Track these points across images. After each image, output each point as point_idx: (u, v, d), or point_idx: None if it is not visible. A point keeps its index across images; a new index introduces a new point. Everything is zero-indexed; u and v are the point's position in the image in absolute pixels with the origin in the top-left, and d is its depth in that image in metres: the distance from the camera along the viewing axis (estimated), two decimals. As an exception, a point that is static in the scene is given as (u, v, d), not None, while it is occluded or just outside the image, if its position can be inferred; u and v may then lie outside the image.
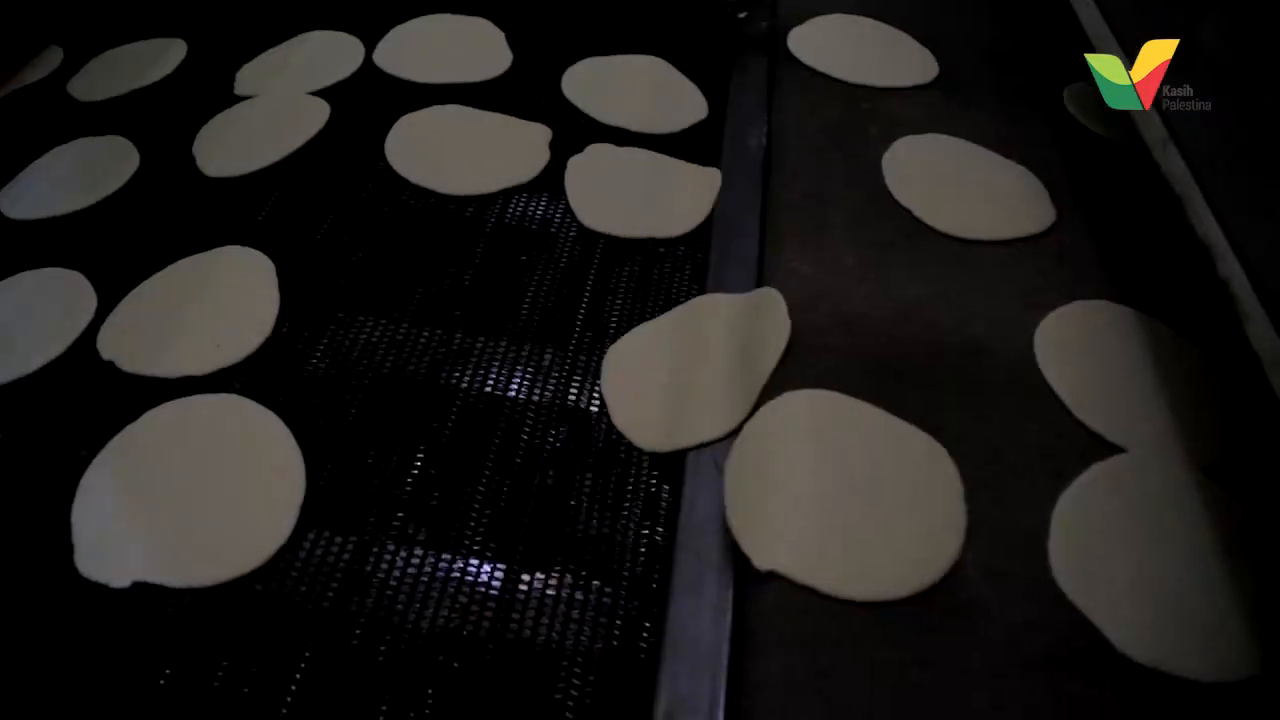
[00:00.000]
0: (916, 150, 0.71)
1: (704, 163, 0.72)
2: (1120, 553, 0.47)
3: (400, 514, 0.51)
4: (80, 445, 0.53)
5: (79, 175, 0.72)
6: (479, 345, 0.59)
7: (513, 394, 0.57)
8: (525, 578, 0.48)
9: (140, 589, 0.46)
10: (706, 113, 0.77)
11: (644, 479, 0.53)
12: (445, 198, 0.69)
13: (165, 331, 0.58)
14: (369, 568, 0.48)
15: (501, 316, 0.61)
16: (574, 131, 0.74)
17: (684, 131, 0.75)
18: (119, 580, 0.46)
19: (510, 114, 0.75)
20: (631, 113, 0.76)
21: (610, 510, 0.51)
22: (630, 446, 0.54)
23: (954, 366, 0.56)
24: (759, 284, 0.61)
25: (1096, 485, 0.50)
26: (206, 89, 0.80)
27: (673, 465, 0.53)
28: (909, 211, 0.66)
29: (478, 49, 0.83)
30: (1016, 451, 0.51)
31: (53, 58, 0.86)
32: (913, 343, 0.57)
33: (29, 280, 0.63)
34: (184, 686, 0.44)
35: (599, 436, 0.54)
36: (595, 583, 0.48)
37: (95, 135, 0.76)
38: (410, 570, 0.48)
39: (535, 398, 0.56)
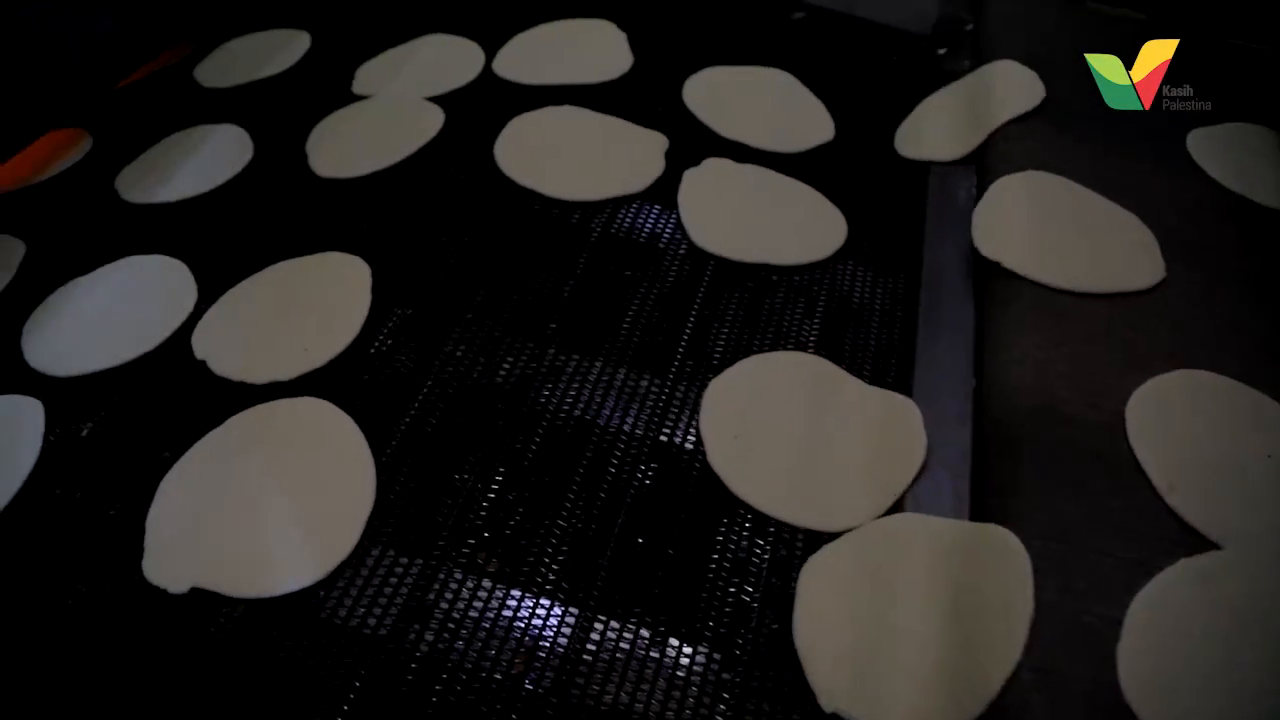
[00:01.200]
0: (1011, 186, 0.63)
1: (825, 189, 0.67)
2: (1202, 667, 0.39)
3: (471, 540, 0.47)
4: (164, 446, 0.52)
5: (194, 162, 0.72)
6: (572, 363, 0.55)
7: (603, 421, 0.53)
8: (598, 626, 0.44)
9: (197, 595, 0.45)
10: (832, 134, 0.72)
11: (737, 531, 0.48)
12: (551, 201, 0.66)
13: (258, 337, 0.57)
14: (432, 595, 0.45)
15: (599, 334, 0.57)
16: (691, 142, 0.70)
17: (807, 153, 0.70)
18: (177, 586, 0.45)
19: (627, 119, 0.72)
20: (753, 128, 0.71)
21: (696, 562, 0.47)
22: (726, 493, 0.49)
23: (1032, 431, 0.49)
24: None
25: (1183, 584, 0.42)
26: (325, 85, 0.79)
27: (767, 522, 0.48)
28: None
29: (598, 51, 0.80)
30: (1093, 534, 0.44)
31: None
32: (985, 398, 0.52)
33: (134, 265, 0.63)
34: (226, 701, 0.42)
35: (692, 478, 0.50)
36: (673, 641, 0.44)
37: (214, 123, 0.75)
38: (476, 604, 0.45)
39: (626, 428, 0.52)
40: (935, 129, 0.72)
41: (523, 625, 0.44)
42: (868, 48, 0.84)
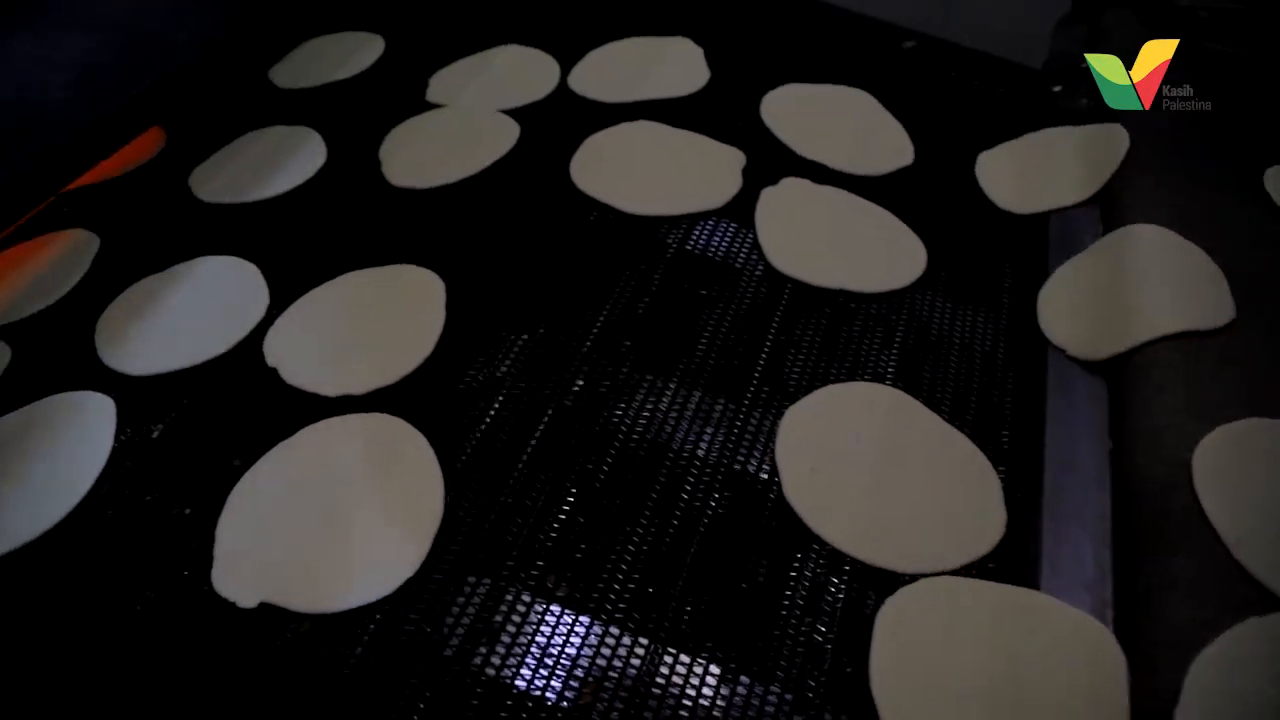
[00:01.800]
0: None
1: (904, 215, 0.65)
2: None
3: (540, 562, 0.46)
4: (235, 453, 0.51)
5: (267, 164, 0.72)
6: (645, 383, 0.54)
7: (676, 445, 0.51)
8: (668, 659, 0.43)
9: (266, 610, 0.44)
10: (912, 159, 0.70)
11: (811, 568, 0.46)
12: (626, 216, 0.65)
13: (331, 349, 0.57)
14: (499, 617, 0.44)
15: (673, 354, 0.56)
16: (769, 160, 0.69)
17: (886, 176, 0.69)
18: (246, 600, 0.44)
19: (704, 134, 0.71)
20: (832, 148, 0.70)
21: (769, 597, 0.45)
22: (800, 527, 0.47)
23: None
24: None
25: (1247, 645, 0.39)
26: (399, 91, 0.79)
27: (838, 558, 0.47)
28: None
29: (674, 66, 0.79)
30: (1154, 589, 0.42)
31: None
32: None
33: (207, 266, 0.63)
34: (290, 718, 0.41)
35: (766, 510, 0.48)
36: (744, 679, 0.42)
37: (288, 125, 0.76)
38: (544, 628, 0.44)
39: (700, 453, 0.51)
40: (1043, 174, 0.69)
41: (590, 653, 0.43)
42: (971, 77, 0.82)
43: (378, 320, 0.58)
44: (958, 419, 0.53)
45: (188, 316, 0.59)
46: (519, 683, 0.42)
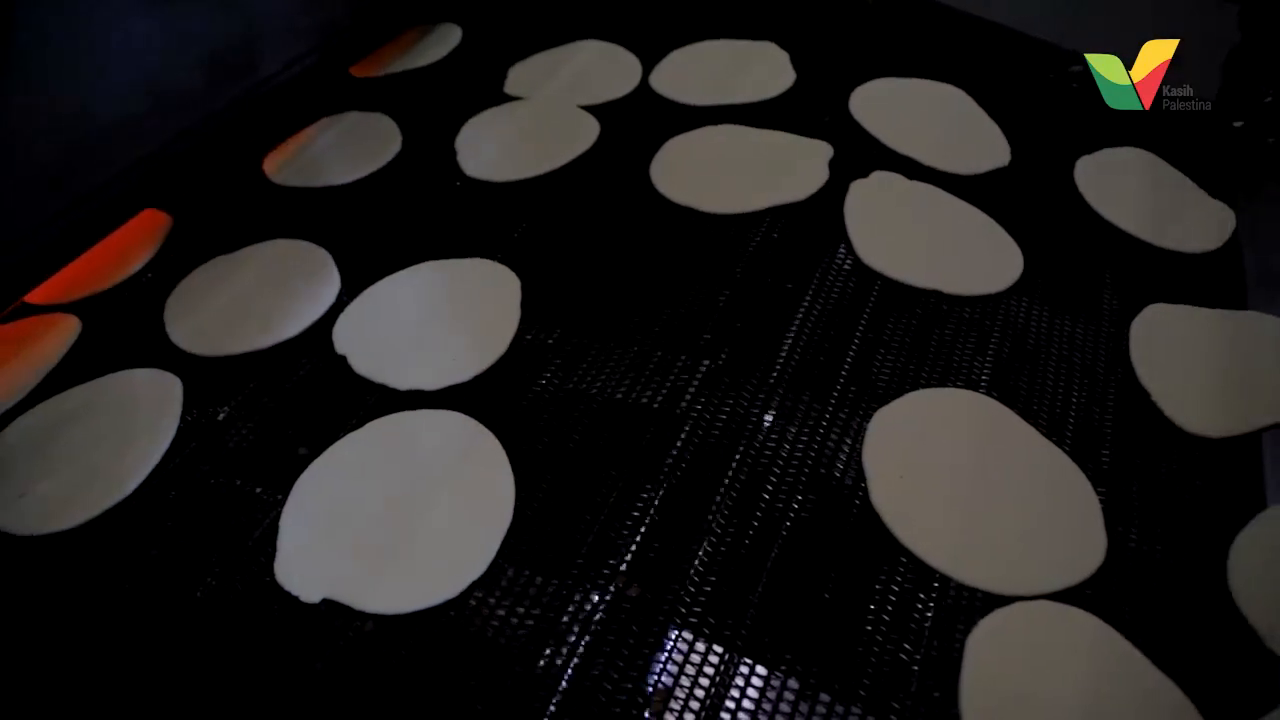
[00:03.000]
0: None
1: (1000, 217, 0.61)
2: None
3: (611, 561, 0.44)
4: (301, 441, 0.50)
5: (343, 149, 0.71)
6: (726, 378, 0.52)
7: (759, 443, 0.49)
8: (743, 670, 0.40)
9: (329, 606, 0.43)
10: (1008, 159, 0.66)
11: (899, 581, 0.43)
12: (708, 216, 0.62)
13: (402, 339, 0.55)
14: (566, 618, 0.42)
15: (756, 349, 0.53)
16: (858, 154, 0.66)
17: (980, 176, 0.65)
18: (310, 595, 0.43)
19: (789, 132, 0.68)
20: (924, 143, 0.67)
21: (853, 611, 0.42)
22: (888, 537, 0.44)
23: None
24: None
25: None
26: (476, 81, 0.78)
27: (926, 573, 0.43)
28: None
29: (759, 71, 0.76)
30: (1186, 680, 0.39)
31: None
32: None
33: (278, 249, 0.62)
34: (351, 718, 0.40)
35: (852, 516, 0.45)
36: (824, 696, 0.39)
37: (365, 110, 0.75)
38: (613, 631, 0.41)
39: (784, 452, 0.48)
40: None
41: (663, 659, 0.41)
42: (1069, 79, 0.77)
43: (451, 314, 0.57)
44: (1055, 434, 0.49)
45: (257, 299, 0.58)
46: (585, 684, 0.40)
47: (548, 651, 0.41)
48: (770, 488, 0.46)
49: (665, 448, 0.48)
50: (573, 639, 0.41)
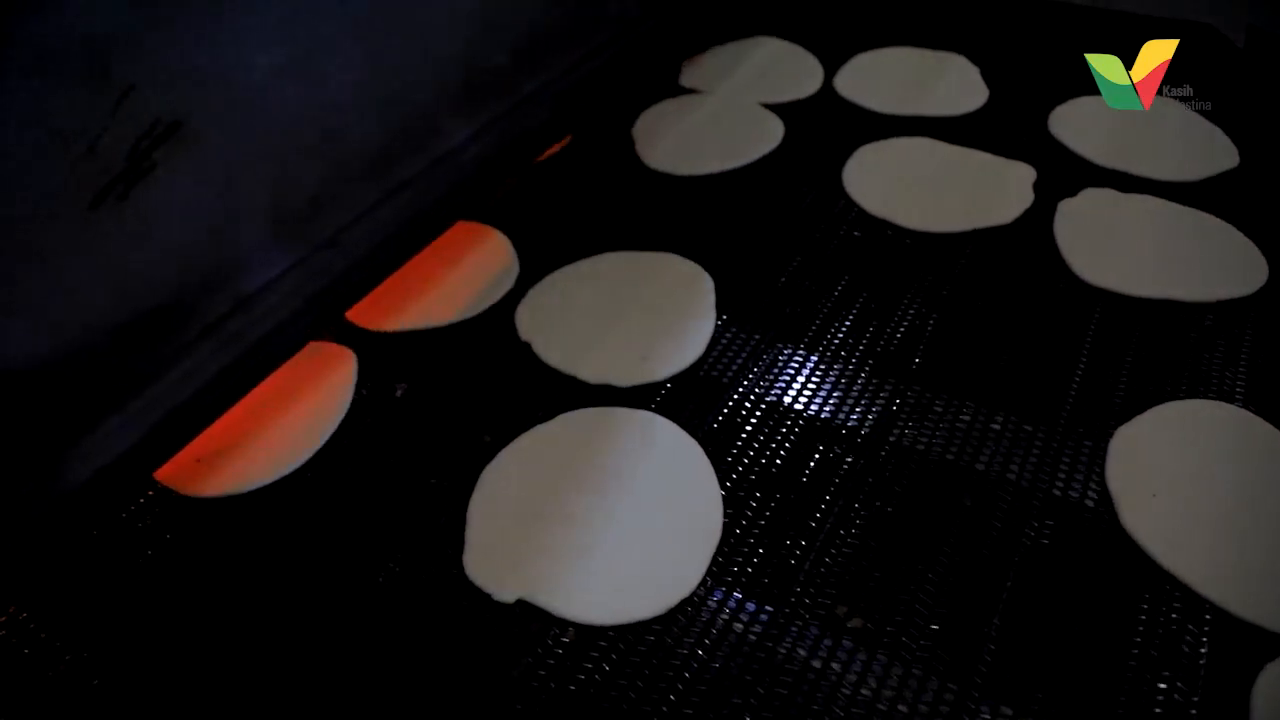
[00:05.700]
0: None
1: (1234, 220, 0.57)
2: None
3: (832, 591, 0.40)
4: (485, 428, 0.49)
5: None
6: (939, 404, 0.48)
7: (980, 467, 0.45)
8: (984, 713, 0.36)
9: (523, 608, 0.41)
10: (1236, 161, 0.61)
11: (1164, 612, 0.38)
12: (906, 232, 0.60)
13: (589, 329, 0.53)
14: (784, 650, 0.39)
15: (969, 372, 0.50)
16: (1062, 173, 0.62)
17: (1205, 181, 0.60)
18: (504, 594, 0.41)
19: (986, 151, 0.65)
20: (1136, 156, 0.62)
21: (1111, 645, 0.37)
22: (1146, 560, 0.40)
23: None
24: None
25: None
26: (650, 72, 0.77)
27: (1198, 603, 0.38)
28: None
29: (949, 83, 0.74)
30: None
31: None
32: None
33: (456, 230, 0.61)
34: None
35: (1099, 540, 0.41)
36: (1086, 740, 0.35)
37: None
38: (834, 666, 0.38)
39: (1010, 476, 0.44)
40: None
41: (890, 697, 0.37)
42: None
43: (643, 309, 0.55)
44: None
45: (435, 276, 0.58)
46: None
47: (761, 688, 0.37)
48: (1001, 513, 0.42)
49: (875, 474, 0.45)
50: (790, 672, 0.38)
